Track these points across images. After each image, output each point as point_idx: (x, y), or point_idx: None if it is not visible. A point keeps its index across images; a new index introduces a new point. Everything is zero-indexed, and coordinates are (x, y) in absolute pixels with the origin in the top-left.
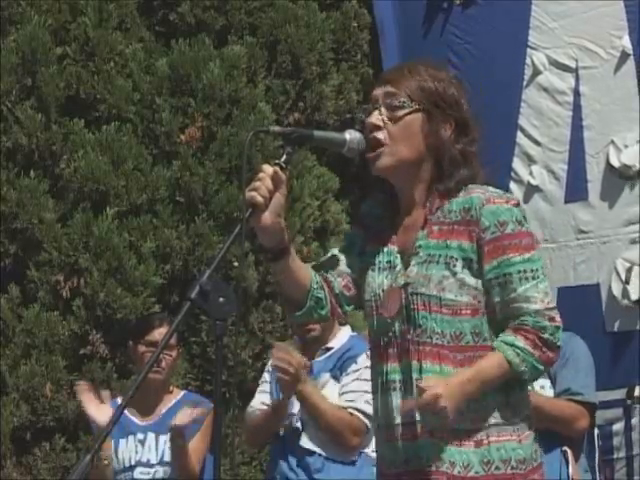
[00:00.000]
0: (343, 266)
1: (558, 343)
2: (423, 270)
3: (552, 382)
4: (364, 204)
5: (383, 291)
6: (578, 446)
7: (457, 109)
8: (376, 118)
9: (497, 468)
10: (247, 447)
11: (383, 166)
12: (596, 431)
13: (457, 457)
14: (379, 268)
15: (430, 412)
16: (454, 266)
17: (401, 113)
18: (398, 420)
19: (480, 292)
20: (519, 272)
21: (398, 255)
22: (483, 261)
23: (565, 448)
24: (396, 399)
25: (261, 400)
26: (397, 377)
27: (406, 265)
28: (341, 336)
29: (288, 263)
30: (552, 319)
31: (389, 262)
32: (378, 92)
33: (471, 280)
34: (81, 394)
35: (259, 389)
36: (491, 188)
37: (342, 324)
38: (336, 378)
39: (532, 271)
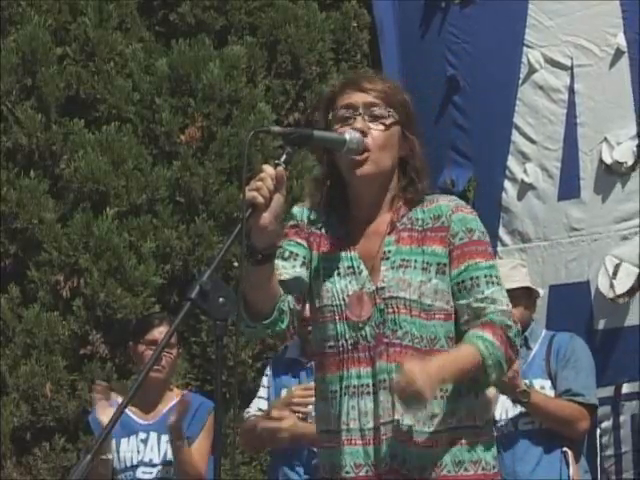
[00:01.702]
0: (291, 280)
1: (517, 347)
2: (400, 274)
3: (552, 382)
4: (298, 211)
5: (348, 296)
6: (578, 447)
7: (415, 122)
8: (362, 124)
9: (466, 470)
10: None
11: (367, 173)
12: (598, 431)
13: (427, 460)
14: (339, 274)
15: (408, 393)
16: (429, 272)
17: (386, 123)
18: (371, 424)
19: (451, 297)
20: (486, 276)
21: (360, 261)
22: (451, 265)
23: (565, 449)
24: (369, 403)
25: (258, 406)
26: (370, 381)
27: (372, 270)
28: None
29: (273, 268)
30: (515, 322)
31: (351, 267)
32: (357, 100)
33: (444, 285)
34: (96, 398)
35: (258, 394)
36: (455, 197)
37: None
38: None
39: (496, 277)
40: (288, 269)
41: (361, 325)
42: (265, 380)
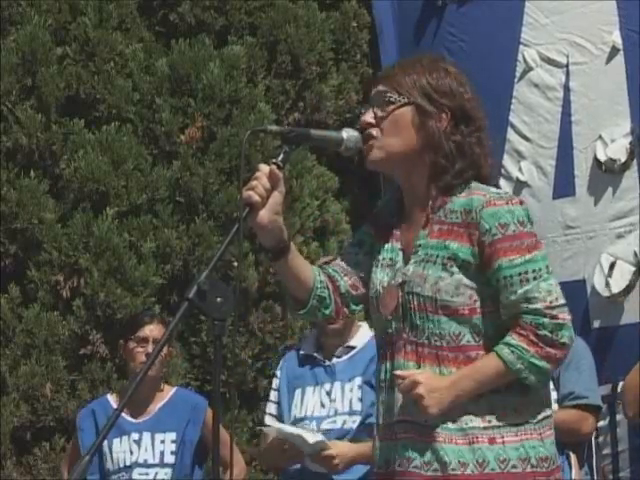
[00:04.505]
0: (351, 264)
1: (561, 340)
2: (420, 269)
3: (555, 384)
4: (382, 200)
5: (383, 288)
6: (582, 450)
7: (453, 99)
8: (369, 116)
9: (514, 467)
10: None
11: (373, 159)
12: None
13: (466, 457)
14: (381, 265)
15: (409, 399)
16: (451, 266)
17: (390, 108)
18: (381, 420)
19: (475, 291)
20: (520, 274)
21: (400, 252)
22: (485, 265)
23: (568, 452)
24: (384, 398)
25: (270, 411)
26: (388, 376)
27: (406, 263)
28: (362, 335)
29: (288, 262)
30: (553, 317)
31: (391, 259)
32: (373, 91)
33: (467, 281)
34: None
35: (269, 397)
36: (492, 189)
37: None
38: (370, 384)
39: (534, 271)
40: (351, 255)
41: (389, 318)
42: (275, 382)
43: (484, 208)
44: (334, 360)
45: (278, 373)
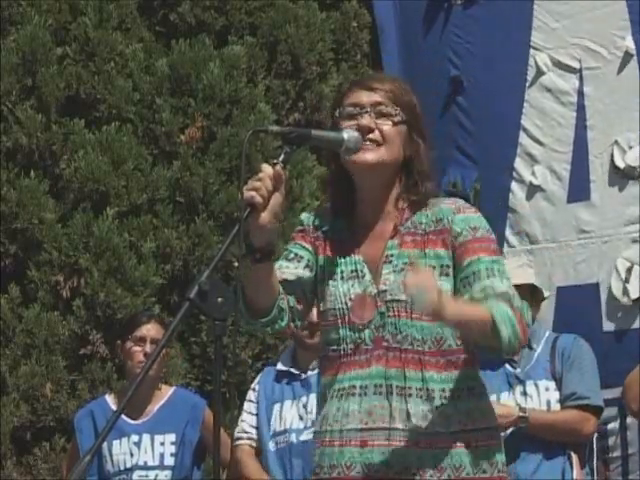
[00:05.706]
0: (294, 279)
1: (528, 321)
2: (401, 277)
3: (557, 384)
4: (305, 217)
5: (350, 299)
6: (583, 451)
7: (423, 123)
8: (369, 121)
9: (484, 472)
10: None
11: (371, 159)
12: (595, 434)
13: (443, 461)
14: (342, 277)
15: (420, 288)
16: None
17: (393, 121)
18: (352, 426)
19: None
20: (487, 269)
21: (364, 264)
22: (456, 263)
23: (570, 452)
24: (354, 404)
25: (250, 423)
26: (359, 383)
27: (375, 274)
28: None
29: (272, 266)
30: (520, 300)
31: (354, 271)
32: (364, 98)
33: (448, 286)
34: None
35: (245, 409)
36: (459, 200)
37: None
38: None
39: (499, 270)
40: (291, 269)
41: (361, 327)
42: (253, 395)
43: (455, 215)
44: (309, 373)
45: (257, 387)
